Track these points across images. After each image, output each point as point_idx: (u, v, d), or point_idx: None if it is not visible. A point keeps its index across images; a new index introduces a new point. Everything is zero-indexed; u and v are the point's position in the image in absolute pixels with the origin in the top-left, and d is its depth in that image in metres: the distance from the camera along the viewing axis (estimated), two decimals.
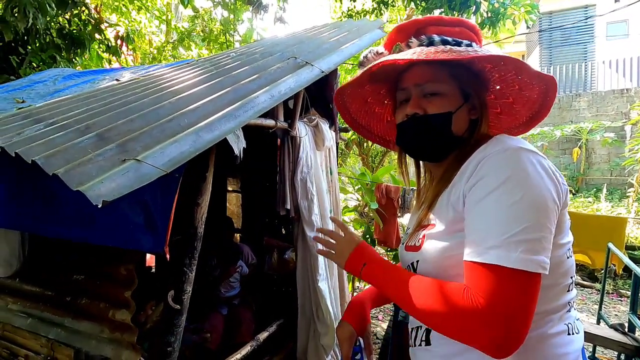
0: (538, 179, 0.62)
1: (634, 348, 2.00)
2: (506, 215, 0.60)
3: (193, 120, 1.21)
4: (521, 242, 0.59)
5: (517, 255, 0.58)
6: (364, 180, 3.75)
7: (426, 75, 0.77)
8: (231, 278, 2.70)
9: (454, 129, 0.76)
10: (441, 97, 0.76)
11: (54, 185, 1.36)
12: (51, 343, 1.75)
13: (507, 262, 0.58)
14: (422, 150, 0.82)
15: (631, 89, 9.15)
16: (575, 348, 0.69)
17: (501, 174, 0.63)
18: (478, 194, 0.64)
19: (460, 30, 0.80)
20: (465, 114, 0.78)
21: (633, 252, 4.90)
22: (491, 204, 0.62)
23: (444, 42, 0.75)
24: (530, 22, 5.22)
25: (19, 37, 4.32)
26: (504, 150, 0.65)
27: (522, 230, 0.59)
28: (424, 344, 0.76)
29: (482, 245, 0.61)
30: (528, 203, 0.60)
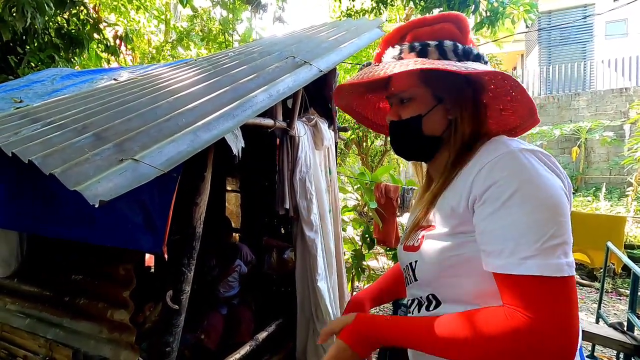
0: (549, 180, 0.62)
1: (632, 347, 2.00)
2: (531, 222, 0.59)
3: (191, 119, 1.21)
4: (554, 247, 0.58)
5: (555, 261, 0.57)
6: (363, 179, 3.75)
7: (399, 84, 0.81)
8: (230, 277, 2.70)
9: (425, 130, 0.79)
10: (413, 101, 0.80)
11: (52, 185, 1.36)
12: (50, 343, 1.74)
13: (547, 271, 0.57)
14: (402, 152, 0.87)
15: (630, 88, 9.16)
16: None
17: (513, 180, 0.62)
18: (493, 203, 0.63)
19: (440, 27, 0.81)
20: (439, 115, 0.79)
21: (632, 251, 4.90)
22: (511, 212, 0.61)
23: (411, 49, 0.78)
24: (529, 21, 5.22)
25: (17, 37, 4.31)
26: (508, 153, 0.65)
27: (552, 236, 0.58)
28: None
29: (515, 256, 0.59)
30: (548, 206, 0.60)
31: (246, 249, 2.95)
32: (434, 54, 0.76)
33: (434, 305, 0.74)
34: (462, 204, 0.68)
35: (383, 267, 4.73)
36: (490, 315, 0.61)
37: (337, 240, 2.63)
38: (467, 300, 0.69)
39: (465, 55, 0.76)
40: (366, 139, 7.95)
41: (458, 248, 0.68)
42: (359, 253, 3.63)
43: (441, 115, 0.79)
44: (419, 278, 0.76)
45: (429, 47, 0.77)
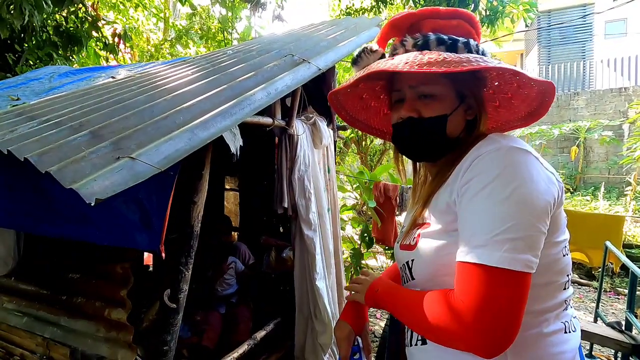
0: (528, 178, 0.61)
1: (630, 346, 2.00)
2: (492, 214, 0.60)
3: (188, 117, 1.20)
4: (506, 240, 0.58)
5: (500, 254, 0.58)
6: (362, 178, 3.75)
7: (420, 77, 0.74)
8: (226, 275, 2.69)
9: (448, 131, 0.75)
10: (436, 99, 0.75)
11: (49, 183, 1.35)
12: (47, 342, 1.74)
13: (490, 261, 0.58)
14: (417, 152, 0.81)
15: (629, 88, 9.16)
16: (572, 346, 0.69)
17: (491, 173, 0.62)
18: (469, 193, 0.64)
19: (457, 24, 0.78)
20: (461, 115, 0.76)
21: (630, 250, 4.91)
22: (479, 202, 0.62)
23: (439, 41, 0.73)
24: (529, 20, 5.23)
25: (16, 35, 4.29)
26: (496, 150, 0.64)
27: (508, 228, 0.59)
28: (420, 343, 0.76)
29: (469, 245, 0.62)
30: (515, 201, 0.60)
31: (245, 248, 2.94)
32: (463, 50, 0.73)
33: None
34: (452, 199, 0.69)
35: (382, 266, 4.74)
36: (436, 297, 0.65)
37: (335, 239, 2.63)
38: None
39: (483, 54, 0.75)
40: (365, 138, 7.95)
41: (453, 246, 0.68)
42: (358, 252, 3.63)
43: (461, 115, 0.77)
44: (415, 277, 0.76)
45: (458, 43, 0.74)
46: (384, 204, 3.62)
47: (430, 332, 0.66)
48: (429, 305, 0.66)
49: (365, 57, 0.81)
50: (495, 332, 0.58)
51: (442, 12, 0.79)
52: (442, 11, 0.80)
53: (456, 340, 0.61)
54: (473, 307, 0.58)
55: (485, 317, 0.58)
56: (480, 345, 0.59)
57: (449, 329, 0.61)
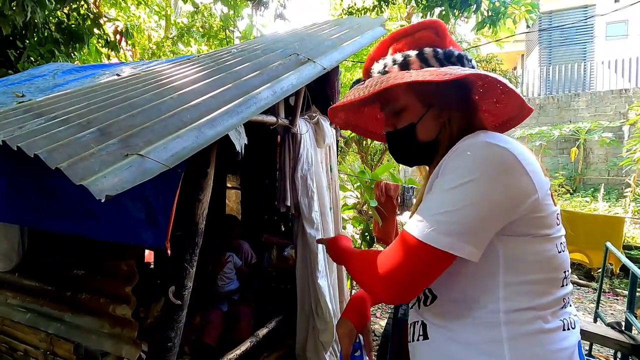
0: (488, 173, 0.64)
1: (630, 346, 2.01)
2: (440, 198, 0.68)
3: (195, 115, 1.21)
4: (438, 222, 0.65)
5: (429, 231, 0.65)
6: (363, 178, 3.76)
7: (390, 97, 0.85)
8: (225, 269, 2.70)
9: (420, 136, 0.82)
10: (404, 112, 0.83)
11: (55, 180, 1.36)
12: (50, 338, 1.75)
13: (418, 234, 0.66)
14: (402, 159, 0.91)
15: (630, 90, 9.17)
16: (571, 343, 0.69)
17: (455, 162, 0.68)
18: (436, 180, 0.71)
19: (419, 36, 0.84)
20: (430, 120, 0.81)
21: (630, 251, 4.93)
22: (436, 186, 0.70)
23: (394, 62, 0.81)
24: (531, 21, 5.22)
25: (17, 31, 4.29)
26: (470, 144, 0.68)
27: (446, 212, 0.65)
28: (422, 338, 0.77)
29: (414, 218, 0.69)
30: (463, 191, 0.65)
31: (247, 247, 2.95)
32: (416, 63, 0.79)
33: (431, 300, 0.76)
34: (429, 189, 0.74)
35: None
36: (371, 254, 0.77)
37: None
38: (460, 295, 0.71)
39: (446, 58, 0.79)
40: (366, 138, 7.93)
41: None
42: None
43: (433, 119, 0.81)
44: None
45: (409, 57, 0.80)
46: (385, 203, 3.63)
47: (357, 278, 0.80)
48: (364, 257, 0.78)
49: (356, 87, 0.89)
50: (397, 288, 0.68)
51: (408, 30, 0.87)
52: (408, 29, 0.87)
53: (368, 284, 0.75)
54: (391, 263, 0.69)
55: (394, 274, 0.68)
56: (382, 292, 0.70)
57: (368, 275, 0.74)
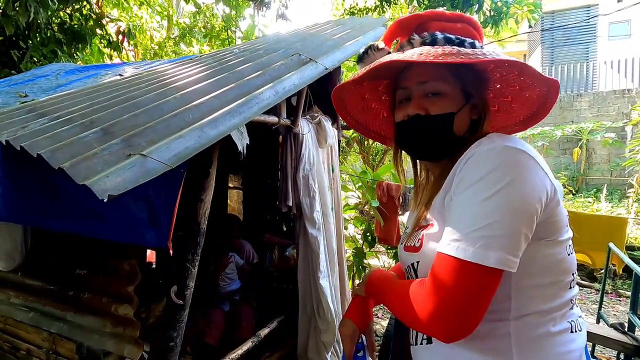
0: (517, 179, 0.62)
1: (633, 347, 2.01)
2: (474, 211, 0.62)
3: (198, 115, 1.21)
4: (482, 237, 0.60)
5: (474, 249, 0.60)
6: (365, 178, 3.75)
7: (428, 74, 0.75)
8: (227, 269, 2.70)
9: (455, 129, 0.76)
10: (443, 97, 0.75)
11: (58, 179, 1.36)
12: (53, 337, 1.76)
13: (464, 255, 0.60)
14: (423, 150, 0.81)
15: (632, 90, 9.14)
16: (579, 345, 0.69)
17: (480, 171, 0.63)
18: (458, 190, 0.66)
19: (462, 27, 0.79)
20: (466, 114, 0.77)
21: (633, 252, 4.90)
22: (465, 198, 0.64)
23: (447, 40, 0.74)
24: (533, 21, 5.21)
25: (20, 32, 4.30)
26: (490, 149, 0.65)
27: (486, 226, 0.60)
28: (425, 342, 0.76)
29: (448, 237, 0.64)
30: (499, 201, 0.61)
31: (249, 247, 2.95)
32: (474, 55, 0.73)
33: None
34: (448, 198, 0.69)
35: (384, 266, 4.75)
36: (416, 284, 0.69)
37: (339, 238, 2.63)
38: None
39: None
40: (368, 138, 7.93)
41: None
42: (360, 251, 3.64)
43: (467, 115, 0.77)
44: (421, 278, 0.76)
45: (465, 43, 0.74)
46: (387, 203, 3.62)
47: (404, 316, 0.71)
48: (408, 292, 0.69)
49: (371, 54, 0.81)
50: (456, 320, 0.61)
51: (448, 15, 0.81)
52: (448, 14, 0.81)
53: (420, 322, 0.65)
54: (440, 294, 0.62)
55: (449, 305, 0.61)
56: (440, 330, 0.62)
57: (417, 312, 0.65)
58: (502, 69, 0.79)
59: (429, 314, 0.62)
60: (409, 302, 0.67)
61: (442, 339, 0.63)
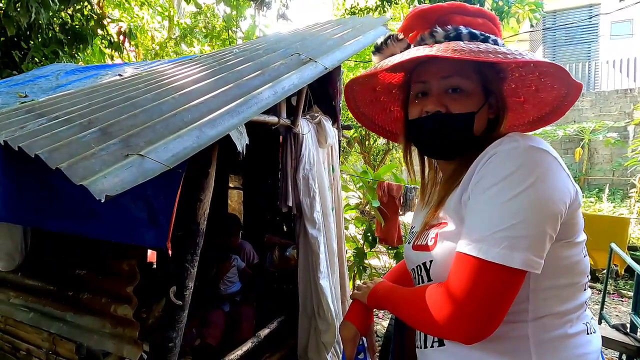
0: (540, 179, 0.60)
1: (635, 348, 2.00)
2: (498, 210, 0.60)
3: (196, 115, 1.21)
4: (506, 237, 0.59)
5: (498, 250, 0.58)
6: (365, 178, 3.74)
7: (451, 69, 0.73)
8: (228, 274, 2.70)
9: (474, 129, 0.74)
10: (465, 94, 0.73)
11: (57, 179, 1.36)
12: (53, 337, 1.75)
13: (487, 256, 0.59)
14: (440, 149, 0.79)
15: (635, 89, 9.10)
16: (595, 348, 0.68)
17: (504, 170, 0.62)
18: (479, 189, 0.64)
19: (483, 22, 0.77)
20: (485, 113, 0.75)
21: (635, 252, 4.88)
22: (488, 198, 0.62)
23: (472, 36, 0.71)
24: (535, 20, 5.20)
25: (22, 32, 4.32)
26: (513, 148, 0.63)
27: (511, 226, 0.59)
28: (437, 344, 0.73)
29: (470, 238, 0.62)
30: (523, 201, 0.59)
31: (249, 247, 2.95)
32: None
33: None
34: (466, 197, 0.68)
35: (385, 266, 4.74)
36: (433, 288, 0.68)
37: (339, 239, 2.63)
38: None
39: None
40: (369, 138, 7.94)
41: None
42: (361, 251, 3.63)
43: (485, 114, 0.76)
44: (434, 278, 0.73)
45: (489, 40, 0.71)
46: (388, 203, 3.62)
47: (420, 321, 0.69)
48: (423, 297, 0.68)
49: (391, 44, 0.79)
50: (477, 322, 0.60)
51: (470, 9, 0.78)
52: (470, 8, 0.78)
53: (439, 325, 0.63)
54: (461, 295, 0.60)
55: (470, 306, 0.60)
56: (459, 332, 0.61)
57: (435, 315, 0.63)
58: (524, 69, 0.78)
59: (449, 316, 0.61)
60: (425, 307, 0.66)
61: (462, 340, 0.61)
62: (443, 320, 0.62)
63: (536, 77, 0.78)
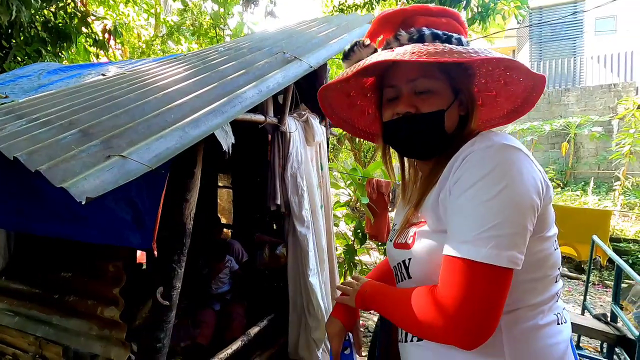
0: (516, 177, 0.62)
1: (615, 337, 2.05)
2: (480, 211, 0.61)
3: (179, 115, 1.20)
4: (492, 237, 0.60)
5: (486, 250, 0.59)
6: (355, 175, 3.76)
7: (418, 72, 0.75)
8: (221, 274, 2.70)
9: (446, 126, 0.75)
10: (433, 94, 0.75)
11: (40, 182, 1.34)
12: (39, 341, 1.73)
13: (476, 256, 0.60)
14: (414, 149, 0.80)
15: (619, 84, 9.30)
16: (565, 337, 0.70)
17: (480, 170, 0.63)
18: (458, 191, 0.65)
19: (447, 21, 0.78)
20: (455, 110, 0.77)
21: (618, 244, 5.01)
22: (468, 199, 0.63)
23: (435, 36, 0.73)
24: (520, 17, 5.26)
25: (3, 31, 4.22)
26: (487, 147, 0.65)
27: (494, 226, 0.60)
28: (416, 339, 0.75)
29: (455, 240, 0.63)
30: (503, 200, 0.61)
31: (238, 246, 2.95)
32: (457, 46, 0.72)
33: None
34: (443, 197, 0.69)
35: (375, 262, 4.77)
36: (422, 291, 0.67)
37: (328, 236, 2.64)
38: None
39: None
40: None
41: None
42: (351, 248, 3.65)
43: (456, 111, 0.77)
44: (413, 275, 0.75)
45: (452, 38, 0.73)
46: (377, 200, 3.64)
47: (415, 327, 0.69)
48: (414, 301, 0.68)
49: (357, 51, 0.80)
50: (475, 324, 0.60)
51: (433, 10, 0.80)
52: (433, 8, 0.80)
53: (436, 332, 0.63)
54: (455, 299, 0.60)
55: (466, 310, 0.60)
56: (458, 337, 0.61)
57: (431, 321, 0.63)
58: (489, 64, 0.80)
59: (447, 323, 0.61)
60: (419, 313, 0.65)
61: (464, 346, 0.61)
62: (441, 327, 0.62)
63: (502, 72, 0.80)
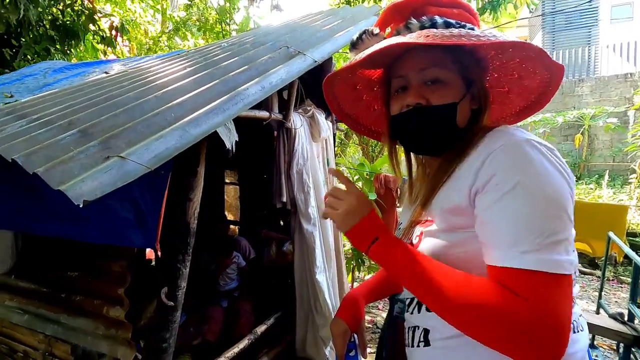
0: (553, 173, 0.59)
1: (632, 337, 1.99)
2: (533, 216, 0.57)
3: (180, 114, 1.18)
4: (556, 243, 0.56)
5: (555, 258, 0.55)
6: (362, 170, 3.71)
7: (428, 60, 0.71)
8: (228, 270, 2.70)
9: (458, 120, 0.71)
10: (444, 85, 0.71)
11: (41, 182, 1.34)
12: (49, 339, 1.75)
13: (547, 267, 0.54)
14: (424, 142, 0.76)
15: (635, 74, 8.98)
16: (582, 346, 0.66)
17: (516, 170, 0.59)
18: (494, 193, 0.60)
19: (459, 12, 0.75)
20: (467, 104, 0.73)
21: (635, 239, 4.88)
22: (513, 203, 0.58)
23: (447, 25, 0.70)
24: (533, 5, 5.11)
25: (12, 29, 4.25)
26: (512, 144, 0.61)
27: (554, 231, 0.56)
28: (422, 344, 0.72)
29: (514, 249, 0.57)
30: (551, 200, 0.57)
31: (245, 242, 2.94)
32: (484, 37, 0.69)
33: None
34: (465, 197, 0.64)
35: None
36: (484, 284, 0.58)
37: (336, 233, 2.61)
38: None
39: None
40: None
41: (459, 245, 0.65)
42: None
43: (468, 104, 0.74)
44: None
45: (466, 28, 0.70)
46: (385, 195, 3.56)
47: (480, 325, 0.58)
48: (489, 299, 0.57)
49: (366, 39, 0.77)
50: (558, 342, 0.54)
51: (444, 0, 0.76)
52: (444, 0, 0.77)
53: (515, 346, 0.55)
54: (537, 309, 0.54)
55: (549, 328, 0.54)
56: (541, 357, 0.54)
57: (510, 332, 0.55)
58: (504, 56, 0.75)
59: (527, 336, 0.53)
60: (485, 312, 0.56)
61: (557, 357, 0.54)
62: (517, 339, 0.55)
63: (517, 64, 0.75)
